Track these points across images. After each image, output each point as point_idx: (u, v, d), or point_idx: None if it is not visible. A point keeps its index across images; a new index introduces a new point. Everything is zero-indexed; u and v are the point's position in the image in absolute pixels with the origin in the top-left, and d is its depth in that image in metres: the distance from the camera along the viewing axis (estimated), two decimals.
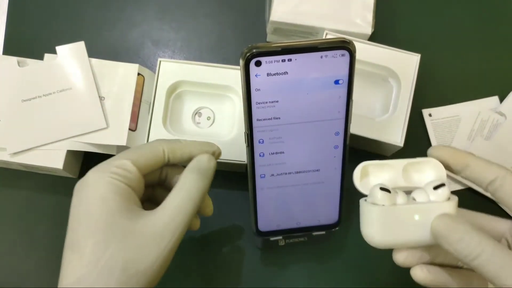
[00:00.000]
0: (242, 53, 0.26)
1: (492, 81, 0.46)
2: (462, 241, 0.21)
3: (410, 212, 0.23)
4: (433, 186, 0.23)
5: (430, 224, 0.23)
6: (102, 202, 0.24)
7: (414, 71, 0.39)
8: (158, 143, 0.28)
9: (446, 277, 0.24)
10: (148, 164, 0.27)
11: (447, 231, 0.22)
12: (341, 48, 0.27)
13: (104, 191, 0.24)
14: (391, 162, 0.25)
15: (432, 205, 0.23)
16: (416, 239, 0.23)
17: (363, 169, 0.26)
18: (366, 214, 0.24)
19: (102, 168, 0.26)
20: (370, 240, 0.24)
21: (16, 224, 0.40)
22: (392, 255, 0.25)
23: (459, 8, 0.49)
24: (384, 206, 0.23)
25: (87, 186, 0.25)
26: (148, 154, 0.27)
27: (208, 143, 0.30)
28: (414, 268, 0.24)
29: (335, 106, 0.29)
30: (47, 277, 0.39)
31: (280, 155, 0.31)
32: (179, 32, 0.47)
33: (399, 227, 0.23)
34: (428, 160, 0.25)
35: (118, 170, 0.25)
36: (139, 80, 0.40)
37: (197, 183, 0.27)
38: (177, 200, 0.26)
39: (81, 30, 0.46)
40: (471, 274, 0.25)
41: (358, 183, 0.26)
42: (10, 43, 0.45)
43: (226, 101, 0.41)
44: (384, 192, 0.23)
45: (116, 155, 0.27)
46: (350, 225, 0.41)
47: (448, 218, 0.22)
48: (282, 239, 0.36)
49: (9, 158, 0.37)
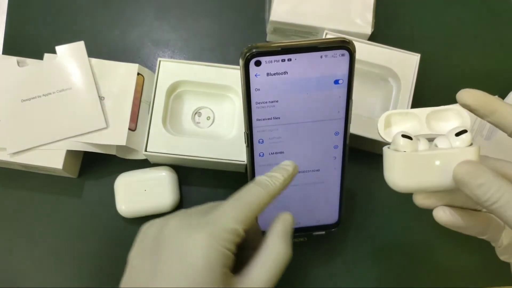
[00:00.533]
0: (242, 53, 0.26)
1: (492, 81, 0.46)
2: (482, 186, 0.21)
3: (431, 158, 0.23)
4: (455, 132, 0.24)
5: (451, 170, 0.23)
6: (210, 272, 0.22)
7: (414, 71, 0.39)
8: (266, 196, 0.26)
9: (465, 220, 0.25)
10: (253, 223, 0.25)
11: (468, 177, 0.22)
12: (341, 48, 0.27)
13: (214, 261, 0.23)
14: (415, 111, 0.25)
15: (453, 151, 0.23)
16: (437, 184, 0.24)
17: (387, 118, 0.26)
18: (388, 161, 0.24)
19: (215, 233, 0.23)
20: (392, 185, 0.24)
21: (16, 224, 0.40)
22: (412, 198, 0.25)
23: (459, 8, 0.49)
24: (406, 152, 0.24)
25: (197, 250, 0.23)
26: (257, 211, 0.25)
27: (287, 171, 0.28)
28: (437, 209, 0.25)
29: (335, 106, 0.29)
30: (47, 277, 0.39)
31: (280, 155, 0.31)
32: (179, 32, 0.47)
33: (420, 172, 0.23)
34: (452, 107, 0.25)
35: (231, 238, 0.23)
36: (139, 80, 0.40)
37: (284, 250, 0.25)
38: (265, 271, 0.24)
39: (81, 30, 0.46)
40: (488, 217, 0.26)
41: (382, 131, 0.26)
42: (10, 43, 0.45)
43: (226, 101, 0.41)
44: (406, 139, 0.24)
45: (225, 212, 0.25)
46: (350, 225, 0.41)
47: (470, 164, 0.22)
48: None
49: (9, 158, 0.37)
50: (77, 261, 0.39)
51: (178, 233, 0.24)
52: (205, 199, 0.41)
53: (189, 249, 0.23)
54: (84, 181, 0.41)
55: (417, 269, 0.41)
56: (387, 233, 0.42)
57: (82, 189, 0.41)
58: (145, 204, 0.39)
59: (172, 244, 0.24)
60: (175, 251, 0.23)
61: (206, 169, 0.42)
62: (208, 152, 0.38)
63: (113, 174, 0.40)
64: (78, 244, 0.40)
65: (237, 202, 0.26)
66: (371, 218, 0.42)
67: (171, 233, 0.24)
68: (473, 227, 0.25)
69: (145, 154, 0.38)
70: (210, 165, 0.40)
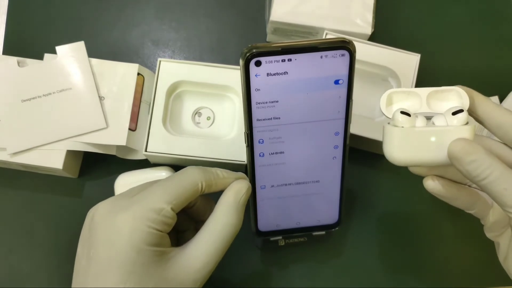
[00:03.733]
0: (242, 53, 0.26)
1: (492, 81, 0.46)
2: (474, 163, 0.22)
3: (428, 134, 0.25)
4: (452, 111, 0.25)
5: (445, 146, 0.24)
6: (137, 253, 0.23)
7: (414, 71, 0.39)
8: (196, 177, 0.26)
9: (454, 191, 0.26)
10: (185, 201, 0.25)
11: (461, 154, 0.23)
12: (341, 48, 0.27)
13: (139, 242, 0.23)
14: (416, 90, 0.27)
15: (449, 128, 0.25)
16: (432, 159, 0.25)
17: (389, 96, 0.27)
18: (387, 135, 0.26)
19: (139, 213, 0.24)
20: (390, 158, 0.26)
21: (16, 224, 0.40)
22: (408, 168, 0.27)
23: (459, 8, 0.49)
24: (404, 127, 0.25)
25: (121, 233, 0.23)
26: (187, 192, 0.25)
27: (242, 174, 0.29)
28: (427, 178, 0.27)
29: (335, 106, 0.29)
30: (47, 277, 0.39)
31: (280, 155, 0.31)
32: (179, 32, 0.47)
33: (417, 147, 0.25)
34: (453, 88, 0.26)
35: (157, 218, 0.24)
36: (139, 80, 0.40)
37: (230, 221, 0.26)
38: (209, 245, 0.25)
39: (81, 30, 0.46)
40: (476, 192, 0.27)
41: (384, 108, 0.27)
42: (10, 43, 0.45)
43: (226, 101, 0.41)
44: (404, 115, 0.25)
45: (153, 192, 0.25)
46: (350, 225, 0.41)
47: (464, 141, 0.23)
48: (282, 239, 0.36)
49: (9, 158, 0.37)
50: None
51: (105, 217, 0.24)
52: None
53: (114, 232, 0.23)
54: (84, 181, 0.41)
55: (418, 269, 0.41)
56: (387, 233, 0.42)
57: (82, 189, 0.41)
58: None
59: (100, 229, 0.24)
60: (103, 236, 0.24)
61: None
62: (208, 152, 0.38)
63: (113, 174, 0.40)
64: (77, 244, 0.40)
65: (167, 181, 0.26)
66: (371, 218, 0.42)
67: (100, 218, 0.24)
68: (460, 200, 0.27)
69: (145, 154, 0.38)
70: (210, 165, 0.40)
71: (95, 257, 0.23)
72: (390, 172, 0.43)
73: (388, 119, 0.27)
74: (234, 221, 0.26)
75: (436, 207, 0.42)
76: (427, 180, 0.27)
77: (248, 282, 0.39)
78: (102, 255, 0.23)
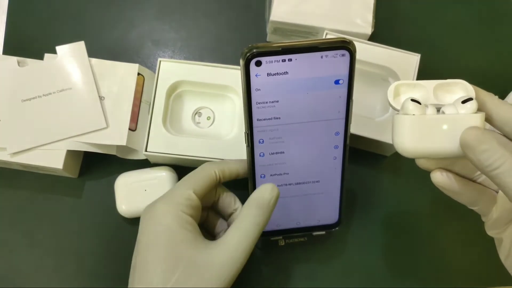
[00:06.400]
0: (242, 53, 0.26)
1: (492, 81, 0.47)
2: (486, 152, 0.22)
3: (439, 121, 0.24)
4: (461, 100, 0.25)
5: (457, 135, 0.24)
6: (170, 234, 0.27)
7: (414, 71, 0.39)
8: (210, 167, 0.31)
9: (460, 186, 0.26)
10: (205, 188, 0.30)
11: (475, 142, 0.23)
12: (341, 48, 0.27)
13: (172, 223, 0.27)
14: (422, 82, 0.26)
15: (460, 116, 0.24)
16: (443, 148, 0.24)
17: (396, 88, 0.26)
18: (397, 125, 0.25)
19: (169, 200, 0.29)
20: (401, 149, 0.25)
21: (16, 224, 0.40)
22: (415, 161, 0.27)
23: (459, 8, 0.49)
24: (415, 115, 0.24)
25: (156, 217, 0.28)
26: (205, 179, 0.30)
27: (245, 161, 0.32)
28: (435, 171, 0.26)
29: (335, 106, 0.29)
30: (47, 277, 0.39)
31: (280, 155, 0.31)
32: (179, 32, 0.47)
33: (428, 136, 0.24)
34: (459, 81, 0.26)
35: (184, 201, 0.28)
36: (139, 80, 0.40)
37: (255, 219, 0.28)
38: (235, 239, 0.28)
39: (81, 30, 0.46)
40: (482, 188, 0.27)
41: (391, 100, 0.26)
42: (10, 43, 0.45)
43: (226, 101, 0.41)
44: (415, 103, 0.25)
45: (177, 185, 0.30)
46: (350, 225, 0.42)
47: (477, 129, 0.23)
48: (282, 239, 0.36)
49: (9, 158, 0.37)
50: (77, 261, 0.39)
51: (149, 208, 0.29)
52: None
53: (153, 218, 0.28)
54: (84, 181, 0.41)
55: (418, 269, 0.41)
56: (387, 233, 0.42)
57: (82, 189, 0.41)
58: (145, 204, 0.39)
59: (145, 218, 0.29)
60: (148, 223, 0.28)
61: None
62: (208, 152, 0.38)
63: (113, 174, 0.40)
64: (78, 244, 0.40)
65: (188, 176, 0.31)
66: (371, 218, 0.42)
67: (146, 209, 0.30)
68: (466, 194, 0.27)
69: (145, 154, 0.38)
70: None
71: (143, 241, 0.28)
72: (390, 172, 0.43)
73: (397, 111, 0.26)
74: (257, 218, 0.28)
75: (437, 207, 0.42)
76: (435, 172, 0.26)
77: (248, 282, 0.39)
78: (142, 238, 0.28)
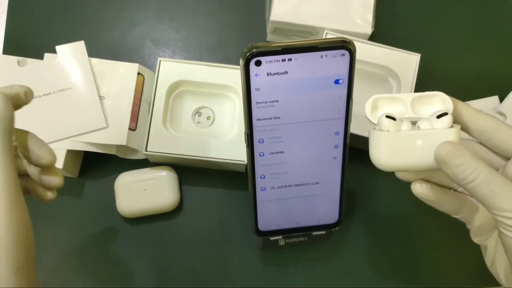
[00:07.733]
0: (242, 52, 0.26)
1: (492, 81, 0.46)
2: (461, 166, 0.22)
3: (413, 137, 0.24)
4: (436, 115, 0.25)
5: (432, 149, 0.24)
6: None
7: (414, 71, 0.39)
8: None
9: (441, 196, 0.26)
10: None
11: (448, 157, 0.23)
12: (341, 47, 0.27)
13: None
14: (400, 96, 0.26)
15: (435, 131, 0.24)
16: (419, 163, 0.25)
17: (374, 102, 0.27)
18: (373, 140, 0.26)
19: None
20: (377, 163, 0.26)
21: None
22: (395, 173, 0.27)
23: (459, 8, 0.49)
24: (389, 131, 0.25)
25: None
26: None
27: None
28: (415, 183, 0.27)
29: (335, 105, 0.29)
30: (47, 277, 0.39)
31: (280, 154, 0.31)
32: (179, 32, 0.47)
33: (403, 151, 0.25)
34: (436, 93, 0.26)
35: None
36: (139, 80, 0.40)
37: None
38: None
39: (81, 30, 0.46)
40: (463, 196, 0.27)
41: (369, 114, 0.27)
42: (10, 42, 0.45)
43: (226, 101, 0.41)
44: (389, 119, 0.25)
45: None
46: (350, 225, 0.41)
47: (451, 144, 0.24)
48: (282, 239, 0.36)
49: None
50: (77, 261, 0.39)
51: None
52: (205, 199, 0.42)
53: None
54: (84, 181, 0.41)
55: (418, 269, 0.41)
56: (387, 232, 0.42)
57: (82, 189, 0.41)
58: (145, 204, 0.39)
59: None
60: None
61: (206, 169, 0.42)
62: (208, 152, 0.38)
63: (113, 174, 0.40)
64: (78, 244, 0.40)
65: None
66: (371, 218, 0.42)
67: None
68: (447, 204, 0.27)
69: (145, 154, 0.38)
70: (210, 165, 0.40)
71: None
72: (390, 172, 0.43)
73: (374, 125, 0.26)
74: None
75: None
76: (415, 184, 0.27)
77: (248, 282, 0.39)
78: None
